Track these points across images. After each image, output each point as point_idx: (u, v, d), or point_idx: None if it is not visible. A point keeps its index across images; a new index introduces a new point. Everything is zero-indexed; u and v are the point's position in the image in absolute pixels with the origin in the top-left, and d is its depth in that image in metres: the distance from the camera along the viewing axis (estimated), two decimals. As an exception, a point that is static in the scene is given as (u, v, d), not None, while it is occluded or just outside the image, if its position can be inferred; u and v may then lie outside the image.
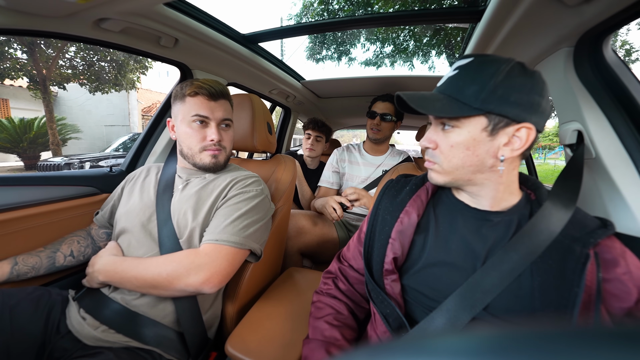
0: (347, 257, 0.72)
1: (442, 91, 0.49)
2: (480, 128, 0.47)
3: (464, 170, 0.50)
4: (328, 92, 2.08)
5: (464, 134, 0.48)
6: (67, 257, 0.82)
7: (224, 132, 0.83)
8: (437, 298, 0.51)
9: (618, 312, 0.43)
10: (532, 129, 0.46)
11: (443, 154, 0.50)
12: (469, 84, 0.46)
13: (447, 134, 0.49)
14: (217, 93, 0.79)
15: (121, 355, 0.61)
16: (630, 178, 0.63)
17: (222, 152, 0.83)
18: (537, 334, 0.12)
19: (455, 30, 5.39)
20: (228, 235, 0.70)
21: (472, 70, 0.47)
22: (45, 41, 7.68)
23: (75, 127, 9.75)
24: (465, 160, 0.49)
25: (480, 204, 0.53)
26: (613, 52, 0.71)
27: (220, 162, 0.83)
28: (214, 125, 0.79)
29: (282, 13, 52.15)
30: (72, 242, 0.85)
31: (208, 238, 0.70)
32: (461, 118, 0.47)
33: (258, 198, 0.80)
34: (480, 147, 0.47)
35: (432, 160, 0.53)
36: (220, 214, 0.75)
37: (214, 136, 0.79)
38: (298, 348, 0.66)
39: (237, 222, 0.73)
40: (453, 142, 0.49)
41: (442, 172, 0.52)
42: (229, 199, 0.78)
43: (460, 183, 0.52)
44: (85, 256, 0.86)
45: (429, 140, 0.52)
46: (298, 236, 1.28)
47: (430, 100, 0.49)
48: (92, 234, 0.91)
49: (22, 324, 0.64)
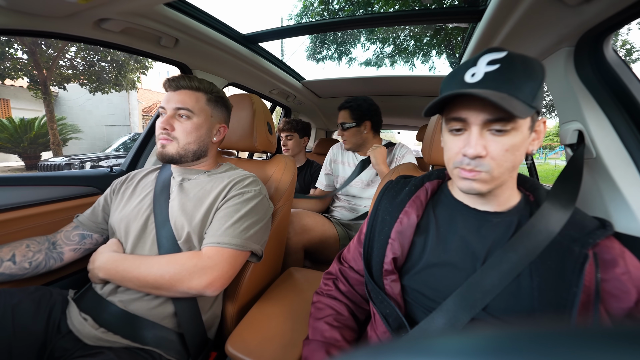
0: (347, 258, 0.72)
1: (496, 89, 0.43)
2: (527, 126, 0.46)
3: (508, 174, 0.47)
4: (328, 92, 2.08)
5: (519, 135, 0.45)
6: (5, 262, 0.71)
7: (178, 123, 0.79)
8: (437, 298, 0.50)
9: (617, 312, 0.43)
10: (546, 121, 0.48)
11: (495, 159, 0.45)
12: (524, 81, 0.43)
13: (500, 138, 0.44)
14: (177, 84, 0.78)
15: (121, 356, 0.61)
16: (630, 178, 0.63)
17: (172, 143, 0.79)
18: (537, 334, 0.12)
19: (456, 30, 5.39)
20: (229, 238, 0.70)
21: (521, 65, 0.43)
22: (46, 41, 7.69)
23: (76, 127, 9.76)
24: (514, 163, 0.46)
25: (485, 206, 0.52)
26: (614, 52, 0.71)
27: (168, 153, 0.79)
28: (166, 115, 0.78)
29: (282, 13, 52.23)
30: (19, 246, 0.75)
31: (210, 241, 0.70)
32: (518, 118, 0.43)
33: (257, 198, 0.80)
34: (524, 146, 0.46)
35: (478, 169, 0.46)
36: (220, 215, 0.74)
37: (159, 124, 0.78)
38: (298, 348, 0.66)
39: (237, 225, 0.73)
40: (508, 145, 0.44)
41: (490, 180, 0.46)
42: (227, 199, 0.77)
43: (496, 188, 0.49)
44: (33, 263, 0.75)
45: (483, 147, 0.45)
46: (303, 233, 1.28)
47: (506, 100, 0.41)
48: (57, 237, 0.82)
49: (23, 324, 0.64)
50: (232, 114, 0.99)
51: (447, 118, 0.49)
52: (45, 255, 0.78)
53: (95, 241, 0.86)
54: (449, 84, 0.49)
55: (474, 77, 0.45)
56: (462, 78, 0.46)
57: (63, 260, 0.81)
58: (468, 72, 0.46)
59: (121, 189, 0.87)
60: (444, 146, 0.54)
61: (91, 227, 0.84)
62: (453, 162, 0.49)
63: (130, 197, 0.83)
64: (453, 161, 0.49)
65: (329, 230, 1.36)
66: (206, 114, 0.82)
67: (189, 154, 0.81)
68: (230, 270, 0.70)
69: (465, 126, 0.47)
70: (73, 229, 0.84)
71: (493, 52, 0.45)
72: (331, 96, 2.14)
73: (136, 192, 0.84)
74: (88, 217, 0.85)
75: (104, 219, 0.86)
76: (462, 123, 0.47)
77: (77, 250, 0.83)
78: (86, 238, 0.84)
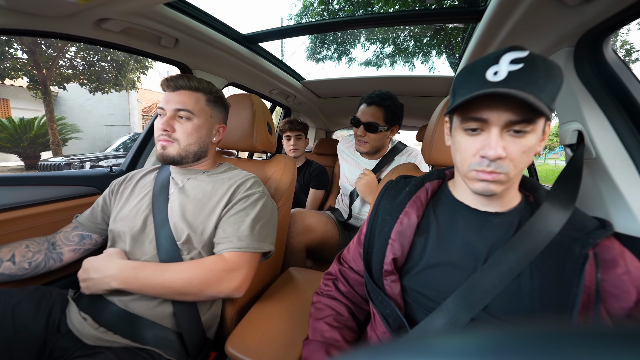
0: (347, 259, 0.72)
1: (522, 89, 0.41)
2: (541, 127, 0.45)
3: (520, 175, 0.47)
4: (328, 92, 2.09)
5: (535, 137, 0.44)
6: (5, 262, 0.71)
7: (178, 124, 0.78)
8: (437, 299, 0.50)
9: (618, 312, 0.43)
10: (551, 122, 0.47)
11: (513, 161, 0.44)
12: (547, 82, 0.42)
13: (518, 139, 0.44)
14: (176, 85, 0.77)
15: (121, 356, 0.61)
16: (630, 178, 0.63)
17: (172, 145, 0.78)
18: (537, 334, 0.12)
19: (456, 30, 5.38)
20: (248, 242, 0.73)
21: (543, 65, 0.42)
22: (46, 41, 7.68)
23: (76, 127, 9.75)
24: (528, 163, 0.46)
25: (488, 206, 0.52)
26: (613, 52, 0.71)
27: (169, 155, 0.78)
28: (166, 116, 0.77)
29: (282, 13, 52.23)
30: (19, 246, 0.75)
31: (231, 246, 0.72)
32: (538, 120, 0.43)
33: (263, 199, 0.82)
34: (536, 148, 0.46)
35: (498, 170, 0.45)
36: (232, 220, 0.75)
37: (160, 125, 0.77)
38: (298, 348, 0.66)
39: (252, 228, 0.75)
40: (526, 147, 0.44)
41: (506, 181, 0.46)
42: (234, 204, 0.77)
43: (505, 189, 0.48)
44: (33, 264, 0.75)
45: (503, 149, 0.43)
46: (305, 233, 1.27)
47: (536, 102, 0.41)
48: (56, 238, 0.82)
49: (23, 324, 0.64)
50: (232, 114, 0.99)
51: (465, 117, 0.46)
52: (45, 256, 0.78)
53: (95, 242, 0.86)
54: (467, 82, 0.46)
55: (497, 75, 0.42)
56: (483, 76, 0.43)
57: (62, 260, 0.81)
58: (489, 70, 0.43)
59: (120, 189, 0.86)
60: (454, 146, 0.51)
61: (90, 227, 0.84)
62: (469, 163, 0.47)
63: (129, 197, 0.83)
64: (469, 163, 0.47)
65: (331, 230, 1.36)
66: (206, 115, 0.82)
67: (190, 155, 0.81)
68: (252, 272, 0.74)
69: (484, 126, 0.45)
70: (72, 230, 0.84)
71: (515, 51, 0.43)
72: (331, 96, 2.14)
73: (135, 192, 0.84)
74: (87, 218, 0.85)
75: (103, 219, 0.86)
76: (481, 123, 0.45)
77: (76, 251, 0.83)
78: (85, 239, 0.84)
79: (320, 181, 1.76)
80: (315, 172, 1.79)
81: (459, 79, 0.48)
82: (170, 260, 0.71)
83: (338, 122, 2.90)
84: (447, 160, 0.81)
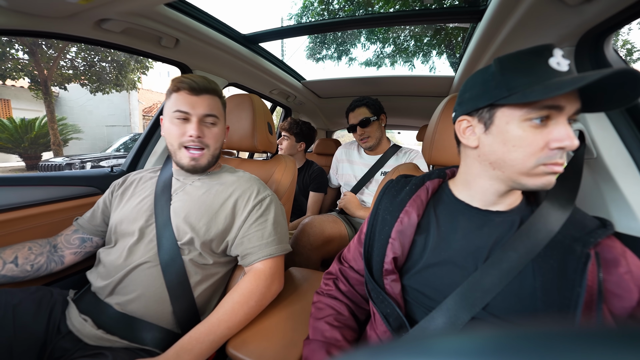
0: (348, 258, 0.72)
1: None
2: None
3: None
4: (328, 92, 2.09)
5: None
6: (8, 264, 0.72)
7: (207, 129, 0.78)
8: (438, 298, 0.50)
9: (620, 312, 0.43)
10: None
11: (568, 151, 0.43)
12: None
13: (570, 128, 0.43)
14: (199, 88, 0.75)
15: (121, 356, 0.61)
16: (631, 178, 0.63)
17: (204, 153, 0.78)
18: (538, 334, 0.12)
19: (456, 30, 5.38)
20: (275, 248, 0.77)
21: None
22: (47, 42, 7.70)
23: (77, 127, 9.77)
24: None
25: (493, 206, 0.52)
26: (614, 52, 0.70)
27: (201, 164, 0.78)
28: (195, 121, 0.75)
29: (282, 13, 52.24)
30: (22, 248, 0.75)
31: (262, 255, 0.75)
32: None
33: (274, 202, 0.83)
34: None
35: (562, 160, 0.43)
36: (254, 229, 0.77)
37: (192, 132, 0.74)
38: (298, 348, 0.66)
39: (273, 233, 0.78)
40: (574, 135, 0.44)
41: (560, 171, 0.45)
42: (250, 212, 0.78)
43: None
44: (35, 266, 0.75)
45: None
46: (325, 245, 1.23)
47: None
48: (57, 241, 0.82)
49: (24, 324, 0.64)
50: (233, 114, 0.99)
51: (534, 107, 0.42)
52: (47, 259, 0.78)
53: (95, 244, 0.86)
54: (527, 72, 0.43)
55: (559, 65, 0.42)
56: (548, 66, 0.42)
57: (64, 263, 0.81)
58: (551, 60, 0.42)
59: (120, 191, 0.86)
60: (508, 143, 0.45)
61: (91, 230, 0.84)
62: (537, 158, 0.43)
63: (130, 198, 0.83)
64: (537, 157, 0.43)
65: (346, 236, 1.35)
66: (223, 118, 0.84)
67: (214, 159, 0.83)
68: (283, 271, 0.80)
69: (555, 115, 0.42)
70: (73, 233, 0.84)
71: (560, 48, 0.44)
72: (331, 96, 2.14)
73: (136, 193, 0.84)
74: (87, 220, 0.85)
75: (104, 221, 0.86)
76: (555, 111, 0.42)
77: (77, 254, 0.83)
78: (86, 241, 0.84)
79: (319, 184, 1.75)
80: (315, 174, 1.78)
81: (514, 70, 0.45)
82: (171, 260, 0.71)
83: (338, 122, 2.90)
84: (447, 160, 0.81)
